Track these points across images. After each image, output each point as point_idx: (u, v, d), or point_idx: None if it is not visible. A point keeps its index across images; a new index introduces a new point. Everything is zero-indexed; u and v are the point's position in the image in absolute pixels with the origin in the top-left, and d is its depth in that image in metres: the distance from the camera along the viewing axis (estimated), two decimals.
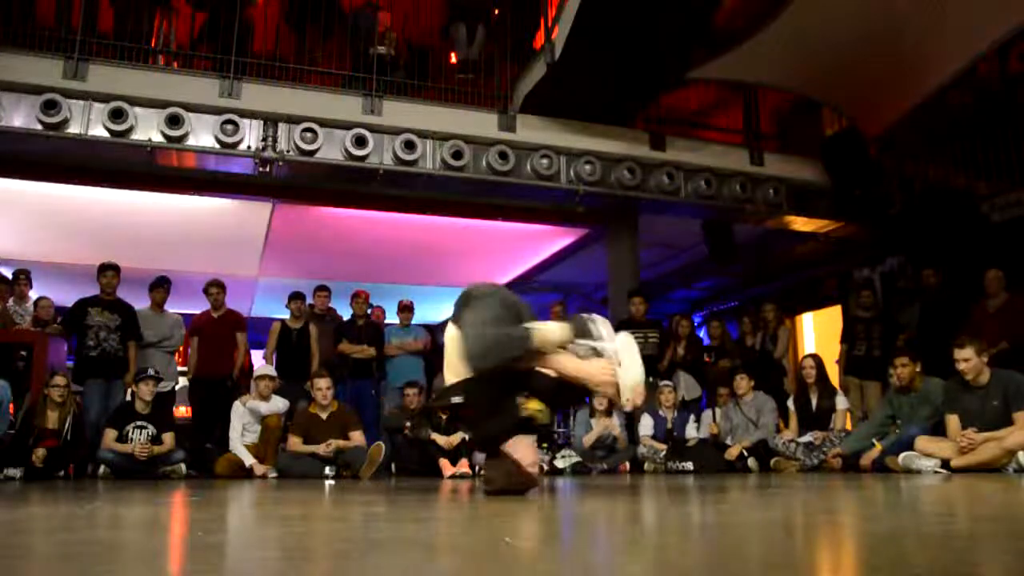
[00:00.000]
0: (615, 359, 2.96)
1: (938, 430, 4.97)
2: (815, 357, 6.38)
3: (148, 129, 6.05)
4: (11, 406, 5.87)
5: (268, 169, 6.36)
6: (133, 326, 6.33)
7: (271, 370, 6.32)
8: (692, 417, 6.70)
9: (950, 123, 7.31)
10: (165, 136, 6.06)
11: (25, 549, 1.69)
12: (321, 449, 5.68)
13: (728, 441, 6.33)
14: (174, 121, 6.06)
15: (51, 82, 5.88)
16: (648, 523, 2.29)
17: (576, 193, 7.07)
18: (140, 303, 6.67)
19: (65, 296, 7.80)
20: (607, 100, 7.00)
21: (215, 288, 6.86)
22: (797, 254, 9.21)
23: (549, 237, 8.84)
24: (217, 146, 6.20)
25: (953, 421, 4.79)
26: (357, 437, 5.88)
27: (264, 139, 6.32)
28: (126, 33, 6.46)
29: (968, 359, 4.72)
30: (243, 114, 6.28)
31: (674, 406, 6.66)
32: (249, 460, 5.79)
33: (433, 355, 7.25)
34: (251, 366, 7.39)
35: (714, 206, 7.58)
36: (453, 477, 5.61)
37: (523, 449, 3.02)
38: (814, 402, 6.16)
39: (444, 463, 5.79)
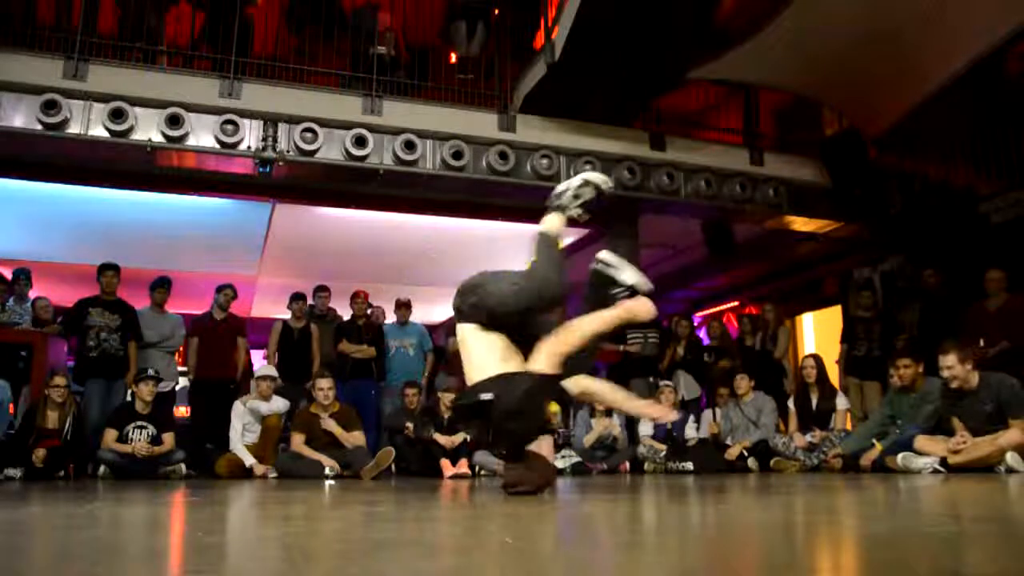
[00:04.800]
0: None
1: (939, 430, 4.97)
2: (816, 357, 6.38)
3: (148, 129, 6.05)
4: (11, 406, 5.87)
5: (268, 169, 6.35)
6: (133, 326, 6.33)
7: (272, 371, 6.32)
8: (692, 417, 6.70)
9: (950, 123, 7.31)
10: (165, 136, 6.05)
11: (25, 549, 1.69)
12: (326, 460, 5.66)
13: (728, 441, 6.33)
14: (174, 121, 6.06)
15: (51, 82, 5.87)
16: (648, 523, 2.29)
17: None
18: (140, 303, 6.67)
19: (65, 296, 7.79)
20: (607, 100, 6.99)
21: (230, 290, 6.91)
22: (797, 254, 9.20)
23: None
24: (217, 146, 6.20)
25: (959, 424, 4.78)
26: (358, 437, 5.88)
27: (264, 139, 6.31)
28: (127, 33, 6.46)
29: (951, 366, 4.73)
30: (243, 114, 6.28)
31: (674, 406, 6.66)
32: (249, 460, 5.78)
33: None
34: (251, 366, 7.39)
35: (714, 206, 7.57)
36: (454, 477, 5.62)
37: (548, 448, 3.00)
38: (814, 402, 6.16)
39: (445, 463, 5.79)
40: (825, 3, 6.16)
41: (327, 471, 5.63)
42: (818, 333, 10.08)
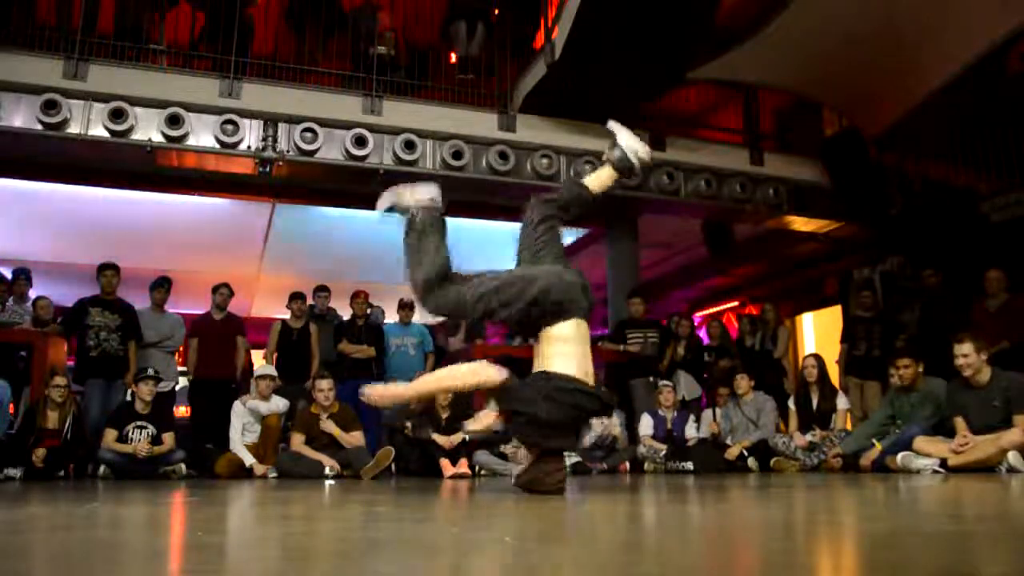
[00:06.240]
0: None
1: (939, 430, 4.96)
2: (817, 357, 6.37)
3: (148, 129, 6.05)
4: (11, 406, 5.87)
5: (268, 169, 6.35)
6: (134, 326, 6.33)
7: (272, 370, 6.31)
8: (692, 417, 6.69)
9: (950, 123, 7.31)
10: (165, 136, 6.06)
11: (25, 549, 1.69)
12: (326, 460, 5.66)
13: (728, 441, 6.33)
14: (174, 121, 6.06)
15: (51, 82, 5.88)
16: (648, 523, 2.29)
17: None
18: (140, 303, 6.67)
19: (65, 296, 7.79)
20: (607, 100, 6.98)
21: (225, 289, 6.89)
22: (797, 254, 9.20)
23: None
24: (217, 146, 6.20)
25: (961, 424, 4.78)
26: (357, 437, 5.88)
27: (264, 139, 6.32)
28: (126, 33, 6.46)
29: (967, 355, 4.72)
30: (243, 114, 6.28)
31: (674, 406, 6.65)
32: (249, 460, 5.78)
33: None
34: (251, 366, 7.39)
35: (714, 206, 7.58)
36: (454, 477, 5.61)
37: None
38: (815, 402, 6.16)
39: (444, 463, 5.79)
40: (825, 3, 6.17)
41: (327, 471, 5.62)
42: (818, 333, 10.08)
